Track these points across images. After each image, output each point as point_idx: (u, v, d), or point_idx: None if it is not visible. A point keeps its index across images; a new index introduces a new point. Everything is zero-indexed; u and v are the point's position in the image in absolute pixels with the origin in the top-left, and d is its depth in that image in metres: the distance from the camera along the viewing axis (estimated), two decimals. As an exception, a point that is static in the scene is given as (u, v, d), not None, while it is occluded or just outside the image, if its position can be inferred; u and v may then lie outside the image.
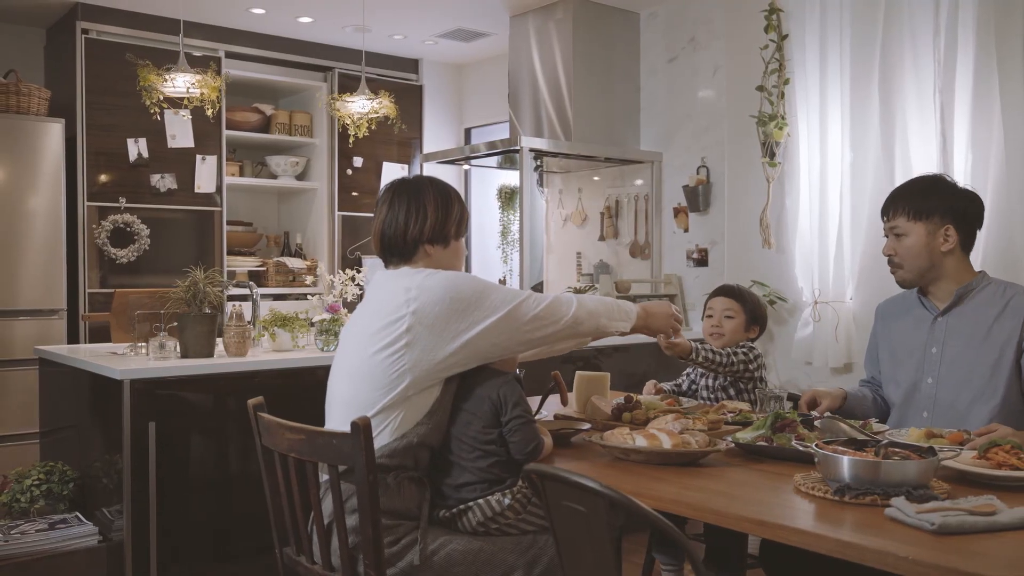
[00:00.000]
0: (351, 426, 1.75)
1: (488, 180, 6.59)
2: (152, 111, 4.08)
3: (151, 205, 5.21)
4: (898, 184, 2.57)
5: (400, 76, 6.33)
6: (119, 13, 5.19)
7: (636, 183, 5.24)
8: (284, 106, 6.17)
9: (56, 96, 5.06)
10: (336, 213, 5.92)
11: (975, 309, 2.36)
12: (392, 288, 2.06)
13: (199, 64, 4.68)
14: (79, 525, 3.07)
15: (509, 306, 2.03)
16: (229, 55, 5.57)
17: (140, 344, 3.32)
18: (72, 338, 4.94)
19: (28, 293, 4.78)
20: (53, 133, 4.88)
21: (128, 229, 5.12)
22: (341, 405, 2.06)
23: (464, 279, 2.05)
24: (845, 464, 1.65)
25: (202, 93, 4.01)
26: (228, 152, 5.59)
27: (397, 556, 1.91)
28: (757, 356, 2.79)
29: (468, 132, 6.72)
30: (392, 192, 2.16)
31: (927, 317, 2.43)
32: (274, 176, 5.97)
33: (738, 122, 4.49)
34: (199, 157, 5.35)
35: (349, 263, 5.84)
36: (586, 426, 2.33)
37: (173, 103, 4.28)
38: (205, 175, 5.38)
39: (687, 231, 4.96)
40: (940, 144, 3.65)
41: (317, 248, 6.00)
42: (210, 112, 4.16)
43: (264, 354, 3.37)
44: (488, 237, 6.65)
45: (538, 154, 5.06)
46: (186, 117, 5.18)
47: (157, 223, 5.22)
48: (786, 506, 1.65)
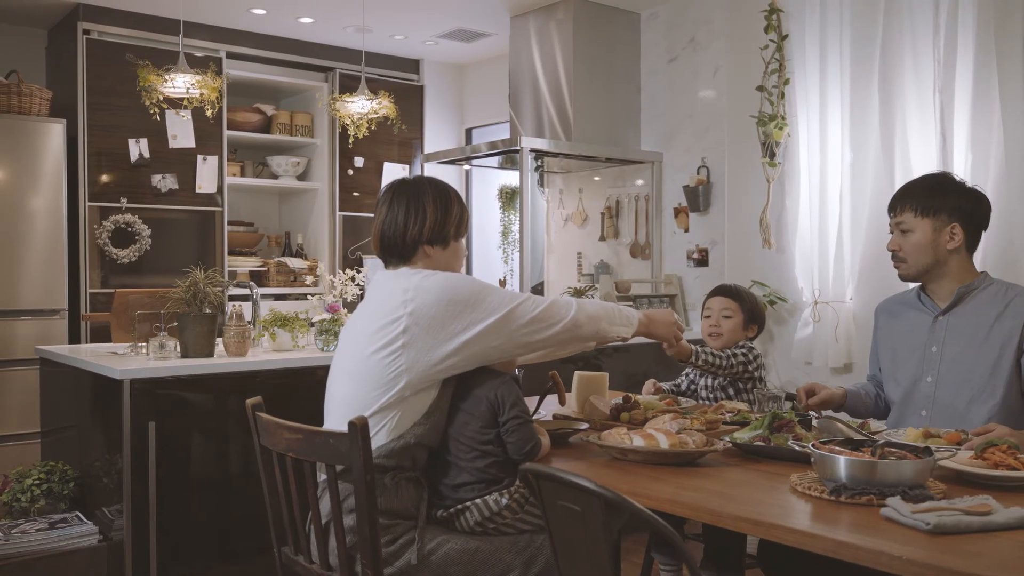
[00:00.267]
0: (348, 426, 1.76)
1: (489, 180, 6.59)
2: (152, 112, 4.08)
3: (152, 205, 5.22)
4: (898, 184, 2.58)
5: (401, 76, 6.33)
6: (120, 14, 5.20)
7: (636, 183, 5.24)
8: (285, 106, 6.18)
9: (57, 96, 5.07)
10: (337, 213, 5.92)
11: (976, 309, 2.36)
12: (390, 289, 2.06)
13: (200, 64, 4.68)
14: (79, 525, 3.07)
15: (506, 308, 2.03)
16: (230, 55, 5.58)
17: (140, 344, 3.33)
18: (73, 338, 4.95)
19: (29, 293, 4.79)
20: (54, 133, 4.89)
21: (129, 229, 5.13)
22: (340, 405, 2.06)
23: (462, 280, 2.04)
24: (841, 464, 1.66)
25: (202, 93, 4.01)
26: (229, 152, 5.60)
27: (394, 555, 1.91)
28: (756, 356, 2.80)
29: (469, 132, 6.72)
30: (392, 193, 2.15)
31: (928, 316, 2.43)
32: (275, 176, 5.98)
33: (738, 122, 4.50)
34: (200, 157, 5.36)
35: (350, 263, 5.84)
36: (584, 426, 2.33)
37: (173, 103, 4.28)
38: (206, 175, 5.39)
39: (687, 231, 4.96)
40: (940, 144, 3.65)
41: (318, 248, 6.01)
42: (210, 112, 4.16)
43: (264, 354, 3.38)
44: (489, 237, 6.65)
45: (539, 154, 5.07)
46: (186, 117, 5.19)
47: (158, 223, 5.23)
48: (782, 506, 1.65)
